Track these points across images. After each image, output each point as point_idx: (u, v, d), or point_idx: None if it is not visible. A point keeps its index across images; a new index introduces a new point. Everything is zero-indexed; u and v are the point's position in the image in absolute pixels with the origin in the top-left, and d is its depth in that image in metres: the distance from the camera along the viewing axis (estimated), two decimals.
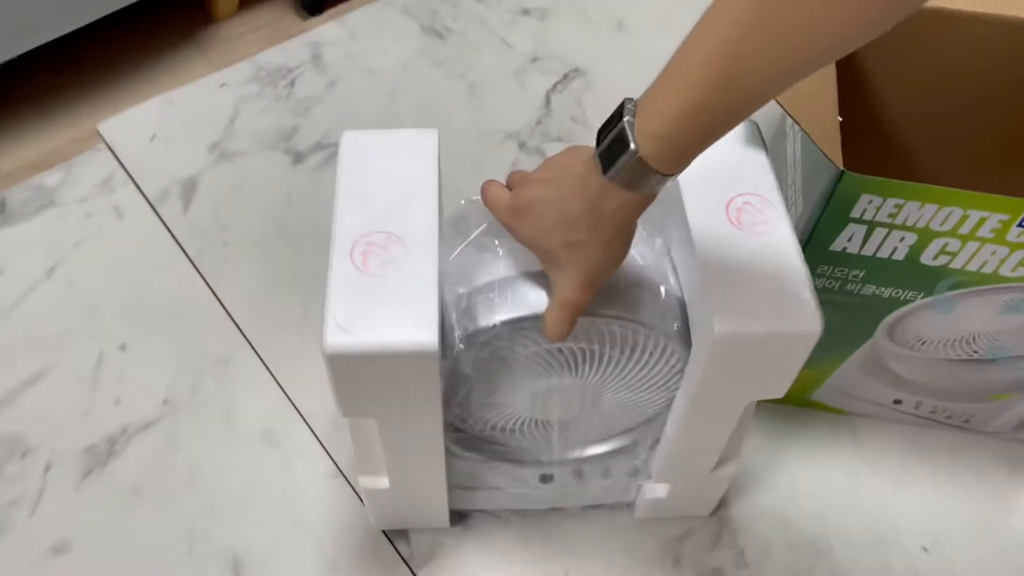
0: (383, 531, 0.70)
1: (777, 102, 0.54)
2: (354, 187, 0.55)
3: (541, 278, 0.52)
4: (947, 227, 0.56)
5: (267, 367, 0.79)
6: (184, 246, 0.87)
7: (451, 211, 0.57)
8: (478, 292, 0.53)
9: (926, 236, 0.58)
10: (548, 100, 1.00)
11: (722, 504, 0.71)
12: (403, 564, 0.69)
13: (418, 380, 0.51)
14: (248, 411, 0.76)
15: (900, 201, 0.55)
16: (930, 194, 0.55)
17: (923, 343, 0.67)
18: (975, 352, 0.67)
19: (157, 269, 0.85)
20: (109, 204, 0.89)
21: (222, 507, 0.71)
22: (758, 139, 0.58)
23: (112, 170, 0.92)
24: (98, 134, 0.95)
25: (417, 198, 0.54)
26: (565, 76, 1.02)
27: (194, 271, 0.85)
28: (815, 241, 0.59)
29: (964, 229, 0.56)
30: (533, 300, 0.52)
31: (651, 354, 0.55)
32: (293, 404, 0.77)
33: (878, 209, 0.56)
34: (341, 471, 0.73)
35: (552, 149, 0.95)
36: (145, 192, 0.90)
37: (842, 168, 0.54)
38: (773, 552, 0.70)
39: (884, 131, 0.75)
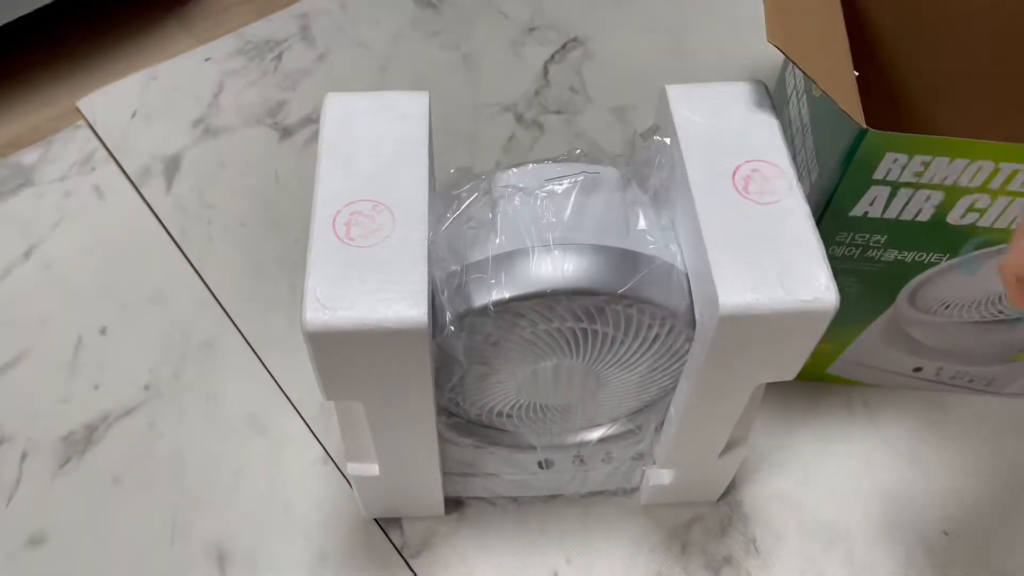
0: (375, 520, 0.67)
1: (789, 58, 0.50)
2: (338, 152, 0.51)
3: (539, 254, 0.49)
4: (976, 182, 0.53)
5: (253, 350, 0.75)
6: (167, 226, 0.83)
7: (439, 181, 0.54)
8: (471, 270, 0.49)
9: (954, 194, 0.54)
10: (546, 71, 0.96)
11: (731, 488, 0.68)
12: (396, 553, 0.65)
13: (407, 360, 0.48)
14: (234, 396, 0.73)
15: (927, 158, 0.52)
16: (961, 148, 0.51)
17: (946, 307, 0.64)
18: (1000, 312, 0.64)
19: (139, 250, 0.82)
20: (89, 183, 0.86)
21: (206, 496, 0.68)
22: (767, 101, 0.54)
23: (92, 148, 0.89)
24: (78, 111, 0.92)
25: (406, 164, 0.51)
26: (563, 46, 0.99)
27: (177, 251, 0.82)
28: (834, 208, 0.56)
29: (994, 183, 0.53)
30: (530, 279, 0.48)
31: (656, 334, 0.52)
32: (281, 388, 0.73)
33: (903, 168, 0.52)
34: (331, 457, 0.70)
35: (550, 121, 0.92)
36: (126, 170, 0.87)
37: (865, 126, 0.50)
38: (786, 538, 0.67)
39: (893, 85, 0.71)
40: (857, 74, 0.54)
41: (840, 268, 0.61)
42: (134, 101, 0.92)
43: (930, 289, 0.62)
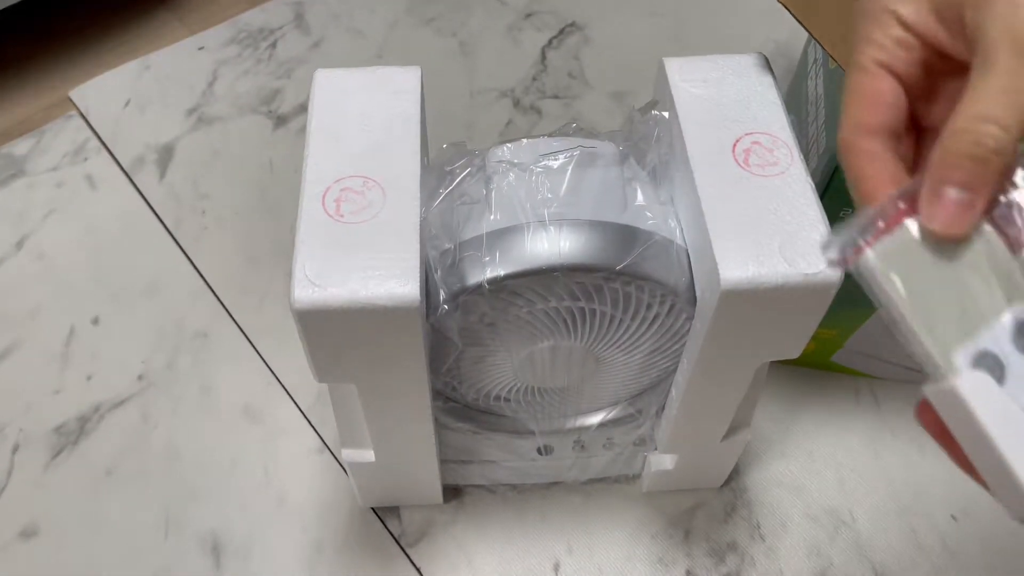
0: (372, 509, 0.66)
1: (794, 16, 0.49)
2: (328, 128, 0.50)
3: (534, 230, 0.47)
4: None
5: (248, 339, 0.74)
6: (160, 215, 0.82)
7: (431, 158, 0.53)
8: (464, 248, 0.48)
9: None
10: (544, 56, 0.95)
11: (735, 474, 0.67)
12: (394, 543, 0.64)
13: (399, 340, 0.46)
14: (228, 386, 0.72)
15: None
16: None
17: None
18: None
19: (132, 239, 0.81)
20: (81, 173, 0.85)
21: (200, 487, 0.67)
22: (767, 73, 0.53)
23: (85, 138, 0.88)
24: (70, 101, 0.91)
25: (398, 140, 0.49)
26: (561, 31, 0.97)
27: (171, 241, 0.80)
28: (839, 180, 0.54)
29: None
30: (525, 256, 0.47)
31: (656, 313, 0.51)
32: (276, 377, 0.72)
33: None
34: (328, 446, 0.69)
35: (548, 106, 0.90)
36: (119, 160, 0.86)
37: None
38: (790, 524, 0.66)
39: None
40: None
41: None
42: (127, 91, 0.91)
43: None
